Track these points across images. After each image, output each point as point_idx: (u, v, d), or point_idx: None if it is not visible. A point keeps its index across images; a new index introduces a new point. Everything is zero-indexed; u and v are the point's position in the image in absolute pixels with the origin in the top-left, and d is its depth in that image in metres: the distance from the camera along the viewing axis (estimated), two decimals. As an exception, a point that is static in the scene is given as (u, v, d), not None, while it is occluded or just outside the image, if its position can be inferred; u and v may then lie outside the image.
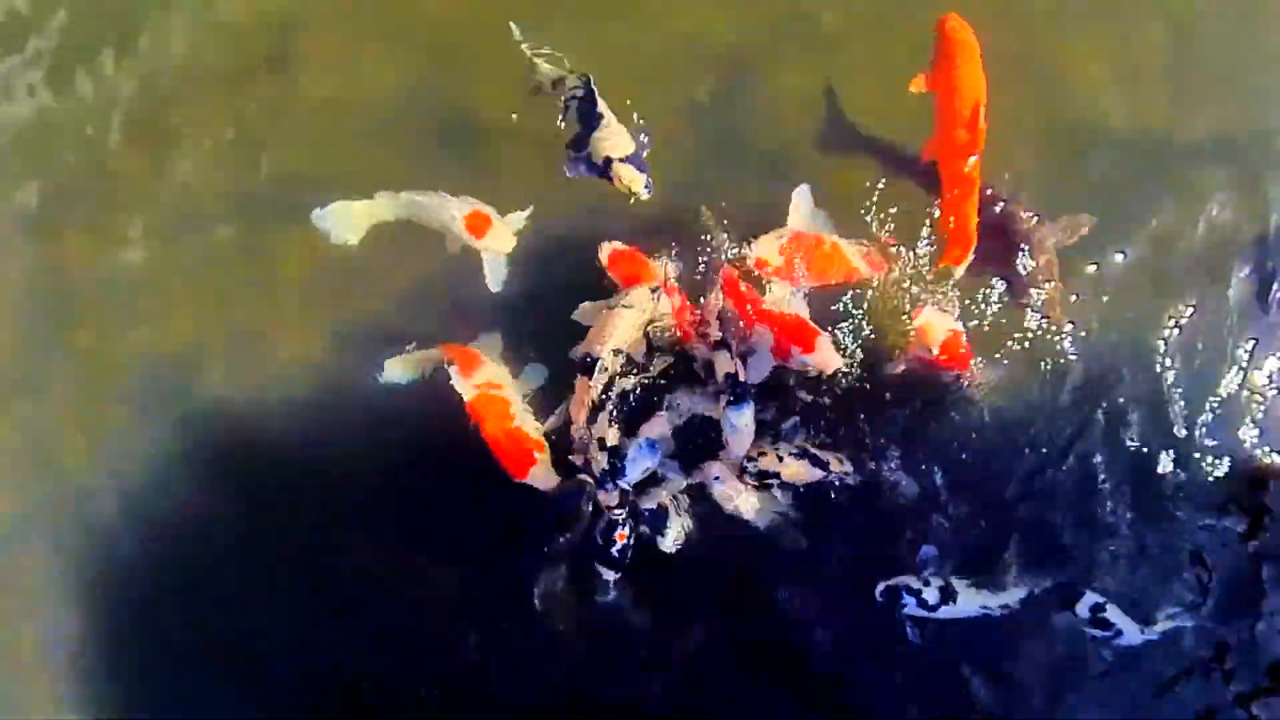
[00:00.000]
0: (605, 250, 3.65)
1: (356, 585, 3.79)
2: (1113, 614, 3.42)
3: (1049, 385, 3.62)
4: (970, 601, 3.38)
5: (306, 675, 3.79)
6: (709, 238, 3.68)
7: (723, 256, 3.66)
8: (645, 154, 3.59)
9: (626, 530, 3.44)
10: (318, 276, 4.00)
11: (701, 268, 3.69)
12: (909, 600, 3.34)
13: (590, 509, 3.51)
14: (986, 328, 3.62)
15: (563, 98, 3.61)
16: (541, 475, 3.49)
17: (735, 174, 3.87)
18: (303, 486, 3.82)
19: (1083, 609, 3.43)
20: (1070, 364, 3.61)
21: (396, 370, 3.70)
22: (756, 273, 3.62)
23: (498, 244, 3.65)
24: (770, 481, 3.44)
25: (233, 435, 3.96)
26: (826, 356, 3.43)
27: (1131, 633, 3.42)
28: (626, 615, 3.58)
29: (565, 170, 3.60)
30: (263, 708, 3.79)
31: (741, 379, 3.40)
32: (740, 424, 3.40)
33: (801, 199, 3.68)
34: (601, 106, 3.54)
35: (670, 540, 3.46)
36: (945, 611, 3.34)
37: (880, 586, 3.39)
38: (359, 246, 3.84)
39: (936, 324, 3.46)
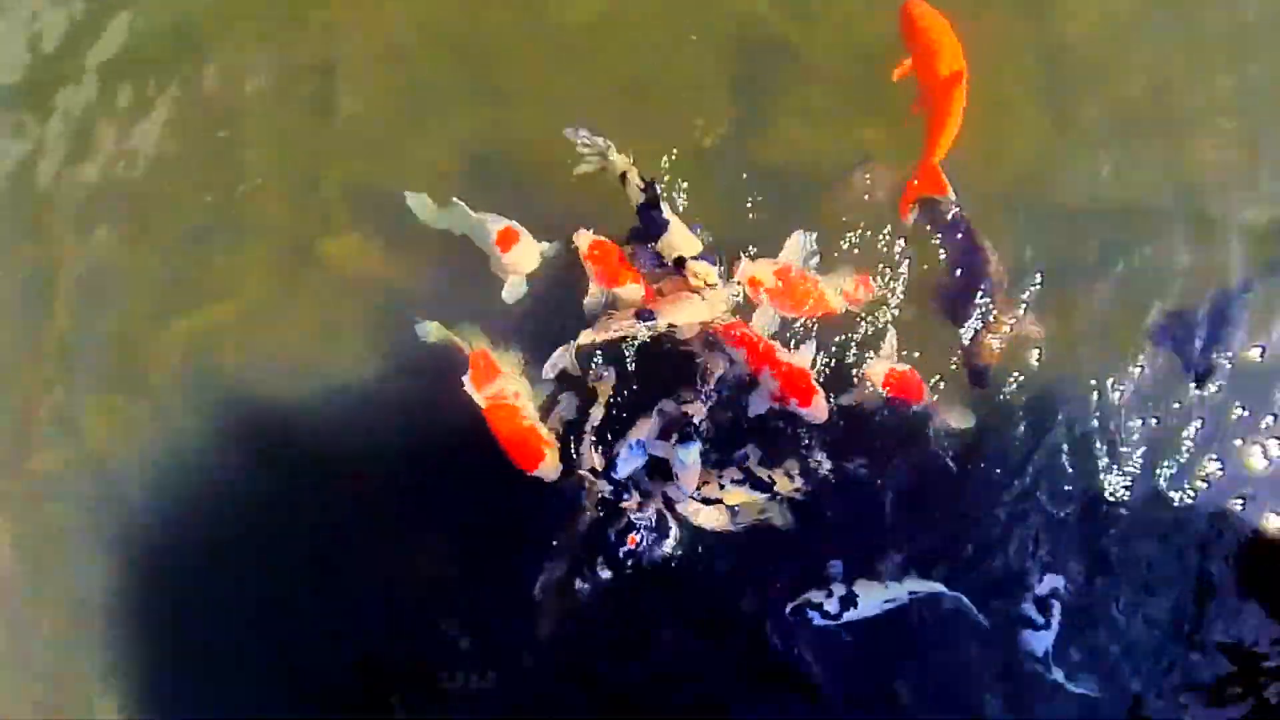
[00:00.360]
0: (585, 240, 3.74)
1: (361, 574, 4.04)
2: (1056, 612, 3.64)
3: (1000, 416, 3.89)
4: (872, 597, 3.60)
5: (307, 668, 4.05)
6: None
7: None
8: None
9: (639, 535, 3.66)
10: (334, 274, 4.29)
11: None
12: (813, 615, 3.55)
13: (597, 507, 3.76)
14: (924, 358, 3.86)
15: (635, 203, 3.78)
16: (550, 469, 3.71)
17: (739, 208, 4.06)
18: (303, 485, 4.02)
19: (1044, 586, 3.66)
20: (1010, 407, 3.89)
21: (431, 331, 3.91)
22: (748, 290, 3.81)
23: (522, 262, 3.81)
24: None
25: (245, 425, 4.17)
26: (818, 413, 3.66)
27: (1046, 636, 3.63)
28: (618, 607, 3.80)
29: (638, 266, 3.82)
30: (266, 696, 4.02)
31: (698, 423, 3.67)
32: (688, 460, 3.59)
33: (796, 242, 3.87)
34: (666, 212, 3.73)
35: (669, 545, 3.74)
36: (849, 615, 3.55)
37: (788, 609, 3.60)
38: (389, 250, 4.19)
39: (876, 367, 3.77)
